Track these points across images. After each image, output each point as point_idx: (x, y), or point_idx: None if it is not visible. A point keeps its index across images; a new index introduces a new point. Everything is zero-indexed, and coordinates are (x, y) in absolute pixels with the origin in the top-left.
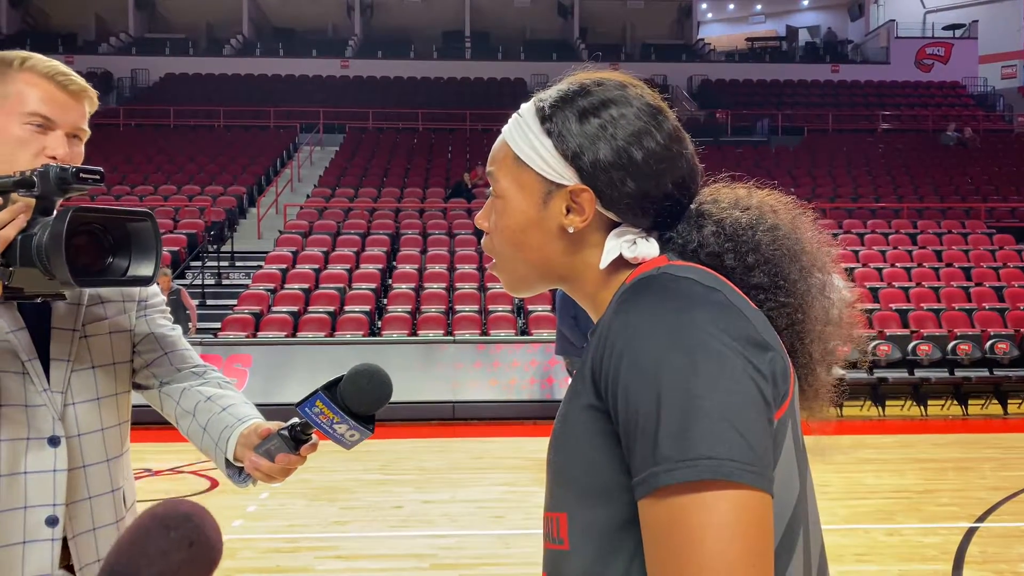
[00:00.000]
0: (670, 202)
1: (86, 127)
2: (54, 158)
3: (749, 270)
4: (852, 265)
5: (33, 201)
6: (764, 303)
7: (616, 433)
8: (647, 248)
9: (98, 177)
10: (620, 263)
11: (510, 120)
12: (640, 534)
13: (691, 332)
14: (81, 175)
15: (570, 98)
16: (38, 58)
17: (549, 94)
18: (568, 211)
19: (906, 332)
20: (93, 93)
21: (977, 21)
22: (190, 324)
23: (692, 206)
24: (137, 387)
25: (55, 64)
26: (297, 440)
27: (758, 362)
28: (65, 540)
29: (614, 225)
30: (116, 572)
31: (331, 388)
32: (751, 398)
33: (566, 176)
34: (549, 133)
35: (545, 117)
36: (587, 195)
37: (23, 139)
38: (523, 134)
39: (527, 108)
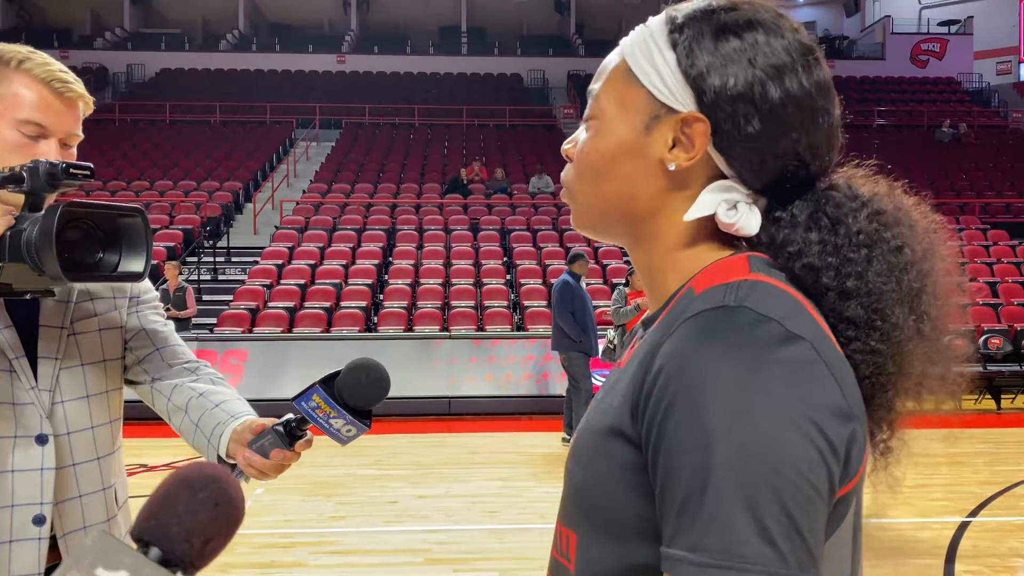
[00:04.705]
0: (795, 165)
1: (79, 132)
2: None
3: (846, 297)
4: None
5: (21, 197)
6: (851, 342)
7: (645, 469)
8: (747, 219)
9: (88, 173)
10: (705, 233)
11: (633, 30)
12: None
13: (762, 397)
14: (71, 170)
15: (712, 11)
16: (36, 60)
17: (688, 4)
18: (674, 144)
19: None
20: (90, 99)
21: (972, 17)
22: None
23: (819, 186)
24: (129, 383)
25: (53, 69)
26: (292, 436)
27: (836, 438)
28: (55, 539)
29: (718, 178)
30: (146, 530)
31: (328, 382)
32: (819, 490)
33: (681, 100)
34: (675, 45)
35: (676, 27)
36: (702, 126)
37: (16, 144)
38: (643, 43)
39: (657, 18)
